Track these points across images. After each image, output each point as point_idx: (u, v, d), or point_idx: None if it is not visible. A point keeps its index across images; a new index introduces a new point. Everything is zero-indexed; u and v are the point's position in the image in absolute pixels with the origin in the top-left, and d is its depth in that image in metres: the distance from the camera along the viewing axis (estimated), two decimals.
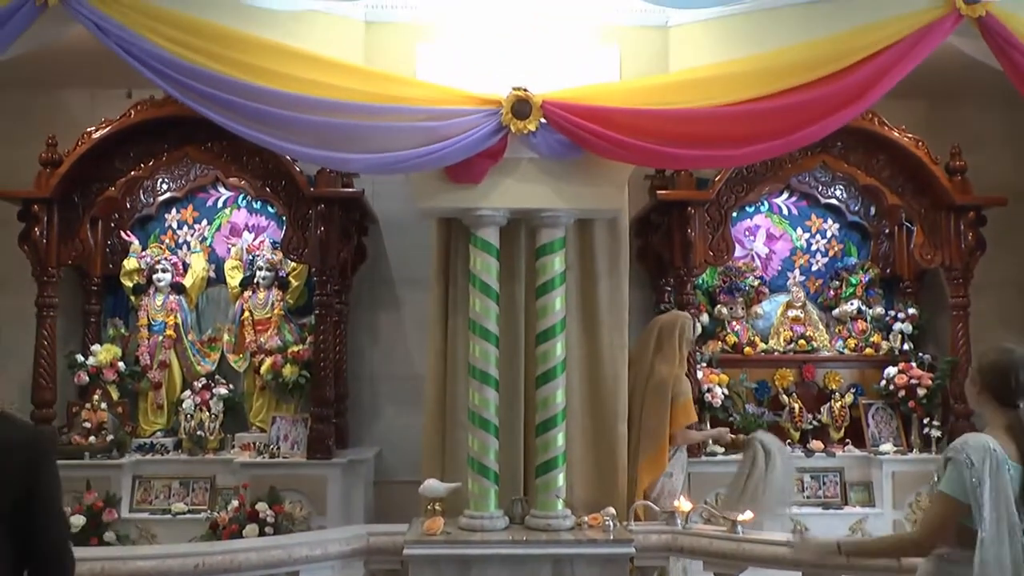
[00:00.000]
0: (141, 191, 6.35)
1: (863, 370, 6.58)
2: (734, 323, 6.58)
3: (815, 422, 6.33)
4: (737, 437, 5.35)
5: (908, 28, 4.61)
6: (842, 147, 6.09)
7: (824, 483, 6.08)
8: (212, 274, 6.50)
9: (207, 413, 6.11)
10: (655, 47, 5.06)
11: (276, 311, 6.33)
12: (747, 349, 6.50)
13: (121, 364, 6.16)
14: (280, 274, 6.37)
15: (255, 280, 6.34)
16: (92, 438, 5.82)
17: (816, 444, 6.15)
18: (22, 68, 5.15)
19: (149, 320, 6.31)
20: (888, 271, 6.75)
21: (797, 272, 6.77)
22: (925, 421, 6.16)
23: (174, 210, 6.53)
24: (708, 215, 6.07)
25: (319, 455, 5.75)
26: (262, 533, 5.26)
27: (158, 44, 4.44)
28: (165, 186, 6.42)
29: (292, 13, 4.68)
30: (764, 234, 6.81)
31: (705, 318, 6.51)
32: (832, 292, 6.71)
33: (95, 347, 6.18)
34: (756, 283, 6.60)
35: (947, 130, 6.44)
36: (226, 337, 6.40)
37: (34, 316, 5.78)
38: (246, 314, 6.33)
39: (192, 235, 6.52)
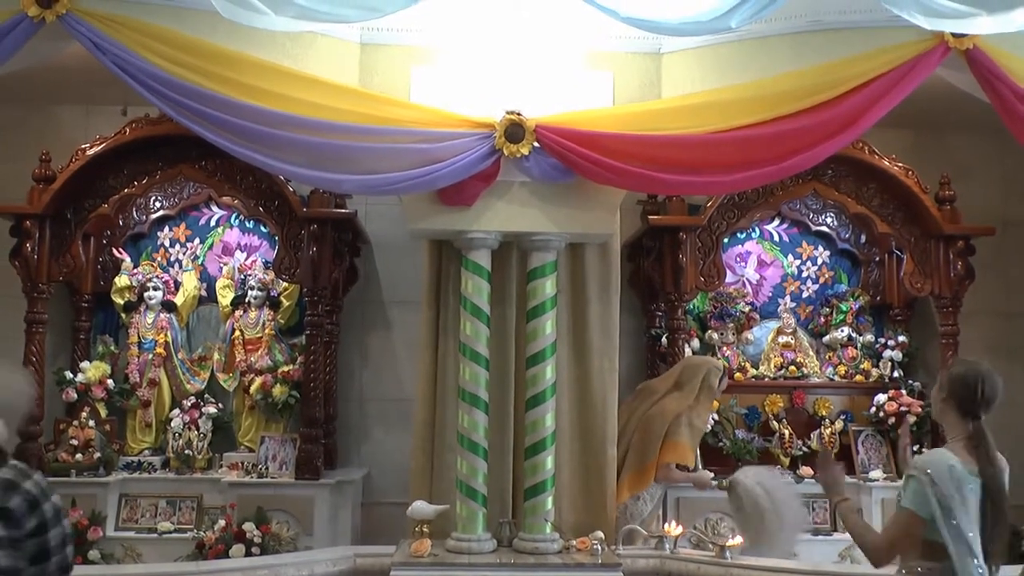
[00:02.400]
0: (134, 208, 6.34)
1: (853, 397, 6.58)
2: (725, 349, 6.59)
3: (805, 448, 6.32)
4: (720, 483, 5.26)
5: (898, 59, 4.68)
6: (833, 175, 6.14)
7: (814, 509, 6.06)
8: (203, 293, 6.48)
9: (195, 432, 6.07)
10: (648, 73, 5.13)
11: (267, 331, 6.31)
12: (737, 375, 6.50)
13: (110, 381, 6.13)
14: (271, 294, 6.36)
15: (246, 299, 6.33)
16: (79, 455, 5.78)
17: (806, 470, 6.13)
18: (17, 84, 5.19)
19: (139, 338, 6.28)
20: (878, 299, 6.78)
21: (788, 298, 6.79)
22: (915, 448, 6.16)
23: (166, 228, 6.52)
24: (699, 241, 6.09)
25: (307, 475, 5.72)
26: (248, 553, 5.22)
27: (154, 62, 4.47)
28: (158, 204, 6.42)
29: (288, 34, 4.71)
30: (755, 260, 6.83)
31: (696, 343, 6.52)
32: (822, 319, 6.73)
33: (84, 364, 6.15)
34: (747, 309, 6.61)
35: (935, 159, 6.50)
36: (216, 356, 6.37)
37: (23, 332, 5.76)
38: (237, 333, 6.31)
39: (184, 253, 6.52)
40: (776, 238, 6.84)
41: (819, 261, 6.84)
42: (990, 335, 6.63)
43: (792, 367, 6.55)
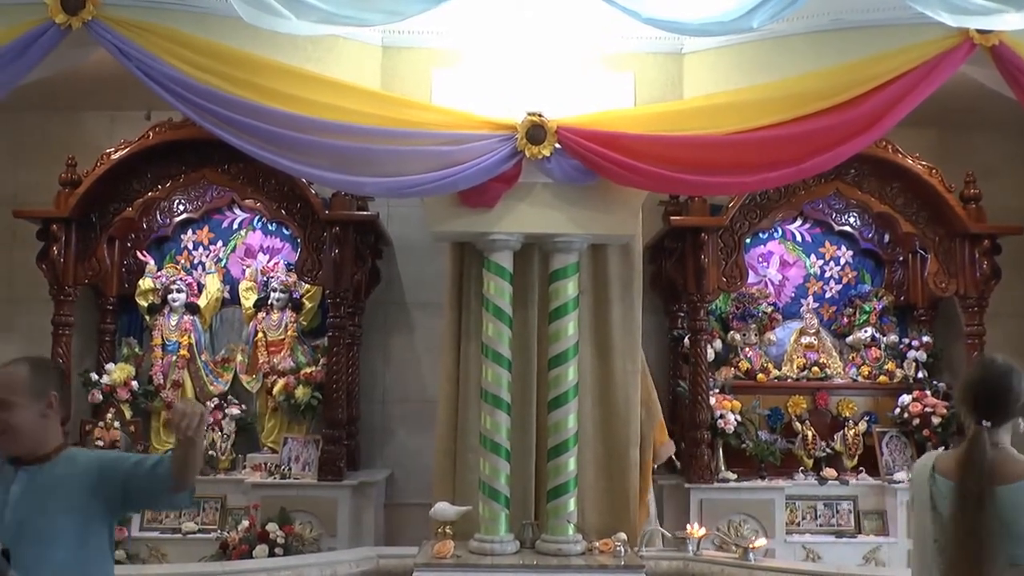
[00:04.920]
0: (158, 212, 6.40)
1: (877, 398, 6.52)
2: (747, 349, 6.56)
3: (828, 450, 6.27)
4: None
5: (921, 57, 4.64)
6: (856, 174, 6.08)
7: (837, 511, 6.02)
8: (226, 295, 6.53)
9: (219, 433, 6.12)
10: (669, 74, 5.12)
11: (289, 332, 6.35)
12: (760, 376, 6.46)
13: (135, 383, 6.18)
14: (294, 296, 6.40)
15: (269, 301, 6.37)
16: None
17: (829, 472, 6.10)
18: (44, 90, 5.24)
19: (163, 340, 6.34)
20: (902, 299, 6.72)
21: (810, 299, 6.74)
22: (940, 450, 6.10)
23: (190, 231, 6.57)
24: (722, 241, 6.06)
25: (330, 477, 5.74)
26: (272, 554, 5.25)
27: (178, 68, 4.51)
28: (182, 207, 6.47)
29: (310, 38, 4.74)
30: (777, 260, 6.79)
31: (718, 344, 6.50)
32: (846, 319, 6.68)
33: (109, 366, 6.21)
34: (769, 310, 6.58)
35: (960, 157, 6.42)
36: (239, 358, 6.42)
37: (50, 334, 5.81)
38: (260, 335, 6.35)
39: (207, 256, 6.56)
40: (799, 238, 6.80)
41: (842, 261, 6.78)
42: (1017, 335, 6.53)
43: (815, 368, 6.50)
